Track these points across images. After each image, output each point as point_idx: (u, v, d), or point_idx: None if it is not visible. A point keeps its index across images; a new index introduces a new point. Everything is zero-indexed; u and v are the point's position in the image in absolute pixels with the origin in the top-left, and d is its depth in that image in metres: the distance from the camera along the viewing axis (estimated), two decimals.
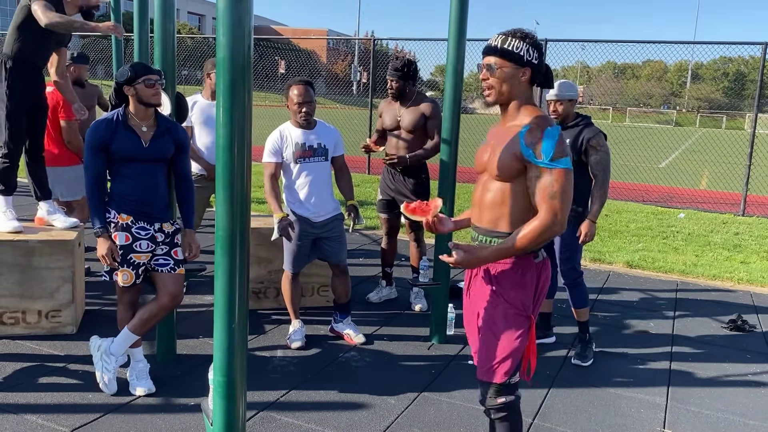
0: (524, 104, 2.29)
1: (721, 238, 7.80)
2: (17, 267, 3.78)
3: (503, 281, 2.31)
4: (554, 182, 2.16)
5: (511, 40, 2.24)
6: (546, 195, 2.17)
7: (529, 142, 2.18)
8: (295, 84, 3.88)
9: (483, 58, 2.30)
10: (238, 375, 2.12)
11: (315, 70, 45.50)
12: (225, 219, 1.99)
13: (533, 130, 2.19)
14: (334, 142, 4.02)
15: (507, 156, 2.23)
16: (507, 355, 2.30)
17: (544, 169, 2.17)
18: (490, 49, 2.27)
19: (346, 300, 4.11)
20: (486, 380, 2.35)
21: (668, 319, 4.83)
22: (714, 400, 3.53)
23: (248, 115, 1.97)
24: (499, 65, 2.24)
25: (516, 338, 2.30)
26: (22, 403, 3.09)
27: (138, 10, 3.74)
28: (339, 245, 4.02)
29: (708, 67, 69.43)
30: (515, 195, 2.26)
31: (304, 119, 3.88)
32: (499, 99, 2.28)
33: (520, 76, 2.25)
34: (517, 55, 2.23)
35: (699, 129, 44.64)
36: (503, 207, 2.28)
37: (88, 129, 3.14)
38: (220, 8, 1.88)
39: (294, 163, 3.90)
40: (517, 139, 2.21)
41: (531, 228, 2.18)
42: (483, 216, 2.35)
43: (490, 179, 2.31)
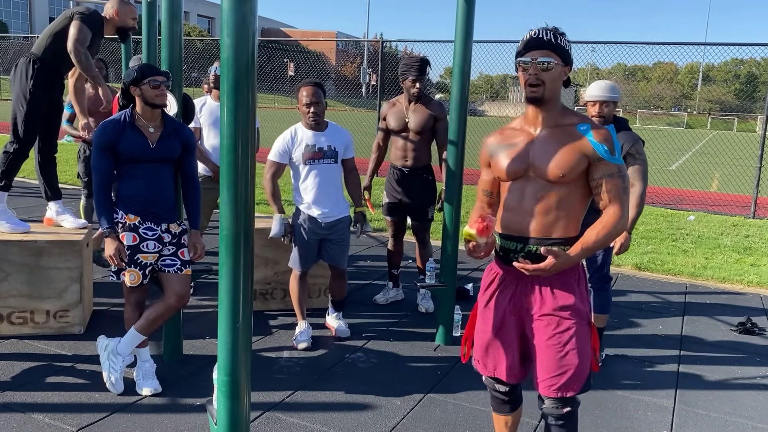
0: (562, 104, 2.24)
1: (731, 241, 7.75)
2: (26, 267, 3.81)
3: (566, 292, 2.25)
4: (624, 178, 2.17)
5: (559, 36, 2.15)
6: (620, 191, 2.16)
7: (602, 140, 2.14)
8: (304, 86, 3.91)
9: (528, 52, 2.16)
10: (243, 374, 2.12)
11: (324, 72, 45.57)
12: (229, 219, 2.00)
13: (598, 129, 2.16)
14: (345, 145, 4.03)
15: (573, 155, 2.16)
16: (580, 369, 2.23)
17: (616, 166, 2.15)
18: (543, 42, 2.14)
19: (341, 299, 4.21)
20: (561, 396, 2.25)
21: (677, 322, 4.79)
22: (722, 403, 3.50)
23: (252, 115, 1.97)
24: (554, 60, 2.14)
25: (586, 349, 2.25)
26: (29, 402, 3.11)
27: (146, 13, 3.77)
28: (341, 249, 4.06)
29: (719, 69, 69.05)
30: (570, 197, 2.20)
31: (313, 120, 3.89)
32: (547, 96, 2.17)
33: (563, 75, 2.19)
34: (566, 52, 2.16)
35: (710, 131, 44.40)
36: (557, 211, 2.21)
37: (96, 129, 3.16)
38: (225, 9, 1.88)
39: (303, 165, 3.92)
40: (582, 138, 2.16)
41: (611, 224, 2.16)
42: (528, 224, 2.23)
43: (541, 183, 2.21)
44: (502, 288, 2.37)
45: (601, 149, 2.13)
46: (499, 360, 2.40)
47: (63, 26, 4.10)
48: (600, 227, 2.17)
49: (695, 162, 19.18)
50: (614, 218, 2.16)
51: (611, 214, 2.17)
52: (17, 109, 4.07)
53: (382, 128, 4.73)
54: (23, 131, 4.08)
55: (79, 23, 4.02)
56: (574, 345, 2.22)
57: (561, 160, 2.16)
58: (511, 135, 2.32)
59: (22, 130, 4.08)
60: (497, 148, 2.33)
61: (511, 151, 2.28)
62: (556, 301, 2.25)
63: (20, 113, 4.06)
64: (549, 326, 2.25)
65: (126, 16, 4.32)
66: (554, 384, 2.25)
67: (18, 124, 4.08)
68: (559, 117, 2.22)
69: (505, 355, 2.38)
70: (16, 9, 57.27)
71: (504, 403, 2.53)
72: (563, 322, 2.23)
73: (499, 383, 2.47)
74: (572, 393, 2.25)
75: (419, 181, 4.60)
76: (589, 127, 2.16)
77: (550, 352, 2.24)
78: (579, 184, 2.20)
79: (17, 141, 4.10)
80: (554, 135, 2.20)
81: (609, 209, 2.18)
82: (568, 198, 2.20)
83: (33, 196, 7.99)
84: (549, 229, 2.22)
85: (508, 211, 2.30)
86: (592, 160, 2.15)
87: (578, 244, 2.18)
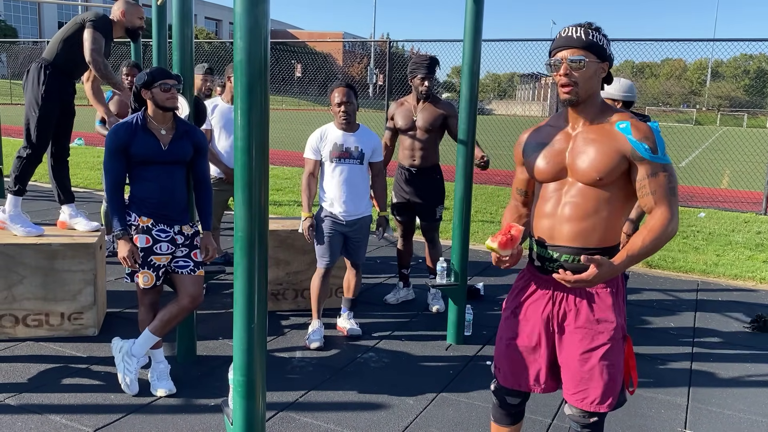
0: (602, 101, 2.13)
1: (742, 237, 7.71)
2: (40, 270, 3.84)
3: (603, 304, 2.14)
4: (670, 178, 2.02)
5: (592, 32, 2.05)
6: (667, 192, 2.01)
7: (642, 137, 2.00)
8: (336, 87, 4.01)
9: (558, 53, 2.08)
10: (258, 374, 2.14)
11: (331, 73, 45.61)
12: (244, 221, 2.02)
13: (639, 126, 2.02)
14: (373, 148, 4.09)
15: (611, 155, 2.03)
16: (610, 385, 2.14)
17: (660, 165, 2.01)
18: (572, 41, 2.05)
19: (355, 296, 4.25)
20: (593, 411, 2.17)
21: (689, 320, 4.78)
22: (736, 401, 3.49)
23: (266, 117, 1.99)
24: (587, 58, 2.04)
25: (619, 365, 2.16)
26: (46, 403, 3.14)
27: (156, 16, 3.79)
28: (360, 245, 4.15)
29: (728, 65, 68.64)
30: (611, 201, 2.08)
31: (344, 119, 3.96)
32: (582, 96, 2.07)
33: (600, 72, 2.09)
34: (602, 48, 2.06)
35: (720, 127, 44.12)
36: (596, 217, 2.08)
37: (108, 132, 3.19)
38: (238, 12, 1.90)
39: (330, 162, 4.00)
40: (621, 136, 2.03)
41: (658, 228, 2.01)
42: (564, 231, 2.12)
43: (580, 187, 2.10)
44: (534, 297, 2.27)
45: (641, 148, 2.00)
46: (525, 372, 2.30)
47: (73, 32, 4.15)
48: (647, 232, 2.02)
49: (705, 159, 19.08)
50: (662, 221, 2.01)
51: (658, 217, 2.02)
52: (30, 115, 4.12)
53: (390, 128, 4.74)
54: (36, 136, 4.13)
55: (92, 31, 4.07)
56: (607, 360, 2.13)
57: (598, 161, 2.04)
58: (547, 133, 2.21)
59: (35, 136, 4.12)
60: (532, 147, 2.23)
61: (547, 151, 2.17)
62: (591, 313, 2.15)
63: (33, 119, 4.10)
64: (583, 340, 2.15)
65: (133, 16, 4.35)
66: (584, 398, 2.17)
67: (31, 130, 4.12)
68: (599, 115, 2.11)
69: (532, 366, 2.29)
70: (25, 14, 57.71)
71: (507, 416, 2.45)
72: (598, 336, 2.13)
73: (511, 395, 2.38)
74: (605, 409, 2.16)
75: (427, 180, 4.61)
76: (629, 125, 2.03)
77: (580, 366, 2.16)
78: (620, 186, 2.07)
79: (30, 146, 4.14)
80: (592, 134, 2.09)
81: (656, 212, 2.03)
82: (609, 202, 2.08)
83: (46, 200, 8.05)
84: (587, 238, 2.10)
85: (543, 217, 2.18)
86: (633, 159, 2.03)
87: (624, 252, 2.04)
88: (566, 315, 2.19)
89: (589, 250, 2.10)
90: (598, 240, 2.10)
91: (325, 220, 4.02)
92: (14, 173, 4.18)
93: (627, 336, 2.20)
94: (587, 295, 2.16)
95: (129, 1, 4.42)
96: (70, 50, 4.14)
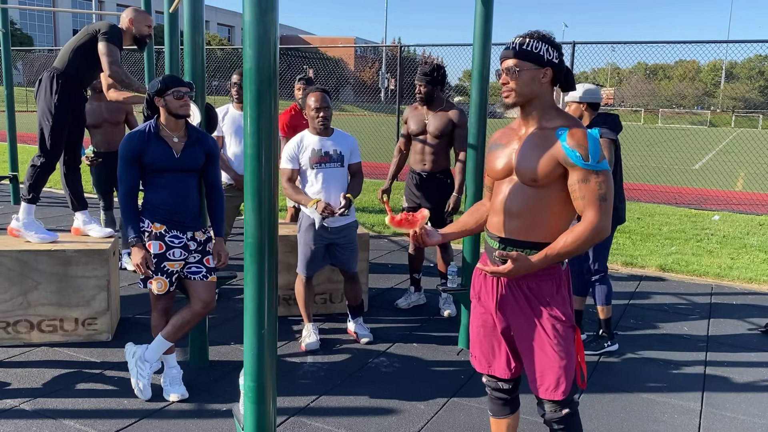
0: (549, 106, 2.24)
1: (757, 240, 7.63)
2: (55, 276, 3.89)
3: (542, 296, 2.26)
4: (602, 184, 2.12)
5: (529, 40, 2.19)
6: (596, 197, 2.12)
7: (574, 145, 2.12)
8: (312, 92, 3.98)
9: (501, 63, 2.25)
10: (268, 379, 2.15)
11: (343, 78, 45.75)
12: (254, 226, 2.03)
13: (575, 133, 2.14)
14: (350, 150, 4.09)
15: (547, 160, 2.16)
16: (564, 371, 2.25)
17: (591, 172, 2.11)
18: (506, 51, 2.22)
19: (357, 303, 4.24)
20: (548, 399, 2.29)
21: (703, 324, 4.74)
22: (751, 406, 3.45)
23: (275, 124, 2.00)
24: (519, 67, 2.18)
25: (569, 352, 2.26)
26: (60, 408, 3.18)
27: (168, 24, 3.83)
28: (350, 253, 4.12)
29: (743, 66, 68.04)
30: (550, 201, 2.20)
31: (322, 124, 3.96)
32: (519, 101, 2.21)
33: (541, 77, 2.19)
34: (537, 55, 2.18)
35: (734, 129, 43.73)
36: (538, 215, 2.22)
37: (122, 140, 3.22)
38: (247, 21, 1.92)
39: (310, 169, 3.98)
40: (556, 142, 2.15)
41: (581, 231, 2.12)
42: (511, 225, 2.26)
43: (520, 186, 2.24)
44: (486, 285, 2.40)
45: (572, 154, 2.11)
46: (492, 357, 2.45)
47: (85, 41, 4.18)
48: (571, 234, 2.14)
49: (719, 161, 18.92)
50: (586, 225, 2.12)
51: (584, 221, 2.13)
52: (43, 124, 4.16)
53: (404, 134, 4.76)
54: (50, 144, 4.17)
55: (107, 44, 4.10)
56: (556, 348, 2.24)
57: (535, 164, 2.17)
58: (506, 135, 2.36)
59: (49, 144, 4.17)
60: (493, 147, 2.39)
61: (500, 151, 2.33)
62: (534, 303, 2.27)
63: (46, 127, 4.15)
64: (529, 328, 2.28)
65: (141, 24, 4.37)
66: (540, 385, 2.29)
67: (45, 138, 4.17)
68: (546, 119, 2.23)
69: (496, 352, 2.43)
70: (41, 22, 58.40)
71: (504, 405, 2.53)
72: (544, 323, 2.26)
73: (500, 381, 2.49)
74: (560, 397, 2.26)
75: (438, 185, 4.61)
76: (566, 132, 2.14)
77: (532, 353, 2.29)
78: (558, 188, 2.19)
79: (44, 155, 4.19)
80: (536, 138, 2.21)
81: (584, 215, 2.14)
82: (548, 202, 2.20)
83: (59, 206, 8.14)
84: (527, 232, 2.23)
85: (493, 211, 2.35)
86: (566, 165, 2.14)
87: (543, 251, 2.18)
88: (510, 305, 2.32)
89: (527, 244, 2.24)
90: (540, 235, 2.23)
91: (309, 228, 4.00)
92: (28, 181, 4.23)
93: (575, 327, 2.30)
94: (528, 286, 2.27)
95: (137, 9, 4.45)
96: (81, 59, 4.18)
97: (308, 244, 4.01)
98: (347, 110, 39.50)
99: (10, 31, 8.11)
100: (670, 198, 10.77)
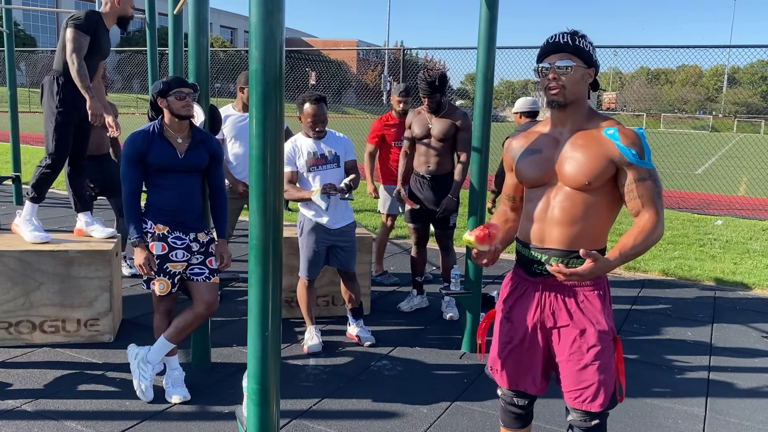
0: (587, 107, 2.17)
1: (760, 246, 7.61)
2: (57, 277, 3.88)
3: (590, 308, 2.18)
4: (656, 183, 2.09)
5: (578, 38, 2.11)
6: (653, 196, 2.07)
7: (629, 143, 2.05)
8: (310, 102, 3.97)
9: (546, 58, 2.13)
10: (272, 382, 2.14)
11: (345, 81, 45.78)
12: (258, 228, 2.02)
13: (627, 132, 2.08)
14: (345, 149, 4.12)
15: (599, 161, 2.08)
16: (604, 384, 2.17)
17: (647, 170, 2.07)
18: (560, 46, 2.10)
19: (356, 305, 4.23)
20: (584, 410, 2.21)
21: (706, 329, 4.72)
22: (755, 412, 3.44)
23: (281, 126, 1.99)
24: (574, 63, 2.09)
25: (609, 365, 2.19)
26: (62, 409, 3.17)
27: (172, 25, 3.83)
28: (350, 254, 4.13)
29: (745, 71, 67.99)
30: (598, 205, 2.12)
31: (317, 134, 4.00)
32: (569, 99, 2.11)
33: (587, 78, 2.13)
34: (587, 54, 2.11)
35: (737, 134, 43.71)
36: (584, 222, 2.13)
37: (125, 141, 3.22)
38: (253, 22, 1.91)
39: (308, 172, 3.99)
40: (608, 142, 2.08)
41: (647, 230, 2.06)
42: (553, 234, 2.16)
43: (565, 191, 2.14)
44: (523, 299, 2.30)
45: (629, 153, 2.05)
46: (523, 373, 2.35)
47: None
48: (637, 232, 2.06)
49: (722, 166, 18.90)
50: (651, 223, 2.06)
51: (647, 219, 2.07)
52: (48, 126, 4.16)
53: (408, 137, 4.76)
54: (55, 147, 4.17)
55: (73, 30, 4.05)
56: (597, 361, 2.16)
57: (586, 166, 2.09)
58: (536, 139, 2.25)
59: (54, 144, 4.16)
60: (521, 153, 2.27)
61: (535, 156, 2.21)
62: (579, 314, 2.18)
63: (51, 128, 4.15)
64: (574, 341, 2.19)
65: (126, 5, 4.32)
66: (578, 396, 2.20)
67: (50, 140, 4.16)
68: (586, 121, 2.16)
69: (529, 367, 2.33)
70: (44, 23, 58.53)
71: (517, 419, 2.47)
72: (588, 337, 2.17)
73: (518, 396, 2.41)
74: (597, 409, 2.18)
75: (442, 188, 4.60)
76: (617, 131, 2.08)
77: (573, 366, 2.19)
78: (607, 191, 2.12)
79: (50, 156, 4.19)
80: (580, 140, 2.13)
81: (644, 214, 2.08)
82: (596, 207, 2.12)
83: (62, 207, 8.14)
84: (575, 242, 2.14)
85: (530, 220, 2.22)
86: (620, 165, 2.07)
87: (616, 249, 2.07)
88: (555, 317, 2.23)
89: (575, 255, 2.14)
90: (587, 244, 2.14)
91: (311, 231, 4.01)
92: (33, 180, 4.23)
93: (617, 338, 2.23)
94: (575, 298, 2.20)
95: None
96: None
97: (311, 247, 4.02)
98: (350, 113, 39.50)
99: (14, 32, 8.12)
100: (672, 202, 10.75)
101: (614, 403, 2.23)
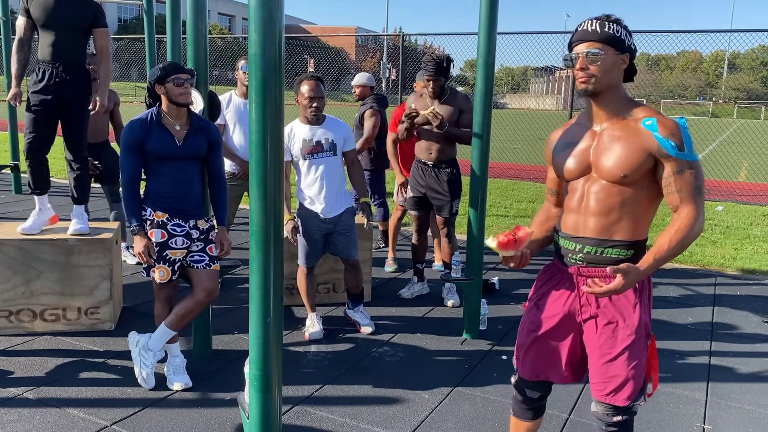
0: (623, 96, 2.10)
1: (761, 231, 7.61)
2: (57, 265, 3.87)
3: (627, 302, 2.12)
4: (697, 175, 1.99)
5: (609, 24, 2.04)
6: (693, 190, 1.98)
7: (668, 134, 1.97)
8: (306, 80, 3.91)
9: (575, 47, 2.08)
10: (274, 368, 2.14)
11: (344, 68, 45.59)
12: (259, 215, 2.01)
13: (666, 122, 1.99)
14: (344, 138, 4.03)
15: (636, 153, 2.01)
16: (633, 379, 2.12)
17: (686, 162, 1.97)
18: (587, 34, 2.04)
19: (357, 291, 4.21)
20: (609, 403, 2.16)
21: (707, 314, 4.73)
22: (756, 396, 3.44)
23: (280, 111, 1.98)
24: (602, 51, 2.03)
25: (640, 360, 2.13)
26: (63, 397, 3.17)
27: (170, 12, 3.79)
28: (348, 240, 4.07)
29: (745, 57, 67.78)
30: (634, 198, 2.06)
31: (314, 114, 3.91)
32: (598, 88, 2.05)
33: (620, 64, 2.06)
34: (619, 40, 2.03)
35: (737, 120, 43.61)
36: (620, 212, 2.07)
37: (124, 128, 3.20)
38: (252, 6, 1.89)
39: (303, 160, 3.94)
40: (646, 133, 2.00)
41: (684, 228, 1.98)
42: (588, 224, 2.12)
43: (602, 184, 2.09)
44: (558, 289, 2.26)
45: (667, 145, 1.97)
46: (545, 362, 2.32)
47: None
48: (673, 231, 1.99)
49: (722, 151, 18.85)
50: (688, 220, 1.99)
51: (684, 216, 2.00)
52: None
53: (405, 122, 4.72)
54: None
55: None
56: (628, 355, 2.11)
57: (623, 159, 2.02)
58: (573, 131, 2.20)
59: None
60: (560, 146, 2.23)
61: (573, 149, 2.17)
62: (614, 307, 2.14)
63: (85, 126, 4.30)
64: (605, 334, 2.15)
65: None
66: (603, 388, 2.16)
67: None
68: (623, 110, 2.09)
69: (554, 357, 2.29)
70: None
71: (527, 410, 2.45)
72: (619, 330, 2.12)
73: (532, 388, 2.39)
74: (622, 402, 2.13)
75: (444, 174, 4.58)
76: (655, 122, 2.00)
77: (600, 357, 2.15)
78: (645, 183, 2.05)
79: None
80: (617, 131, 2.06)
81: (681, 210, 2.01)
82: (633, 199, 2.06)
83: (63, 195, 8.12)
84: (610, 230, 2.09)
85: (568, 211, 2.19)
86: (659, 157, 2.00)
87: (650, 255, 2.01)
88: (589, 308, 2.19)
89: (610, 243, 2.10)
90: (623, 234, 2.09)
91: (308, 220, 3.98)
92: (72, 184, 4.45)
93: (651, 335, 2.18)
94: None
95: None
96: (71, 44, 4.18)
97: (307, 235, 4.00)
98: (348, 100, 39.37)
99: (10, 19, 8.05)
100: None
101: (640, 397, 2.17)
